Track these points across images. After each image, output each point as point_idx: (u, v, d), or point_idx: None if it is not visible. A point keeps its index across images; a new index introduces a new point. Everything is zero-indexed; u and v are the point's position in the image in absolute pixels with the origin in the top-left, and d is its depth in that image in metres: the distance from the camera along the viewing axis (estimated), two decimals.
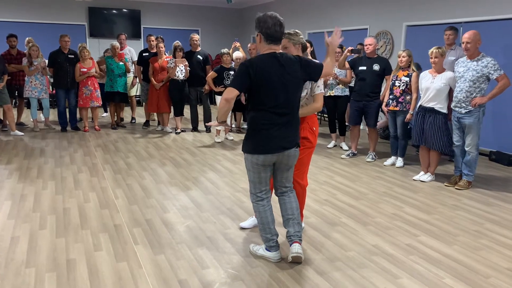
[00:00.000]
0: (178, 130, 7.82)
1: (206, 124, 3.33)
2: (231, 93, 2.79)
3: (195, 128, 8.10)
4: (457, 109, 4.80)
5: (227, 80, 7.03)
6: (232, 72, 7.09)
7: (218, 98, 7.15)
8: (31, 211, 3.96)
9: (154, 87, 7.68)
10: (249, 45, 7.51)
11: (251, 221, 3.69)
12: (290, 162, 3.02)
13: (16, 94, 8.04)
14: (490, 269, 3.05)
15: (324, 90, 6.77)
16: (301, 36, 3.32)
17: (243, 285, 2.77)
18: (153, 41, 8.05)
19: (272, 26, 2.86)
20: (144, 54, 8.04)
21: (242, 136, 7.65)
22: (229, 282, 2.81)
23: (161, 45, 7.67)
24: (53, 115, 9.13)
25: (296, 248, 3.01)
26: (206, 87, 7.54)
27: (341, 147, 6.82)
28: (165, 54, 7.80)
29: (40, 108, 8.45)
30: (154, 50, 7.99)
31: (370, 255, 3.23)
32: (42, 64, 7.53)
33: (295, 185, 3.32)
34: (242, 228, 3.68)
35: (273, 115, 2.86)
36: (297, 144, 3.00)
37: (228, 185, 4.84)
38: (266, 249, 3.11)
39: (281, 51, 2.98)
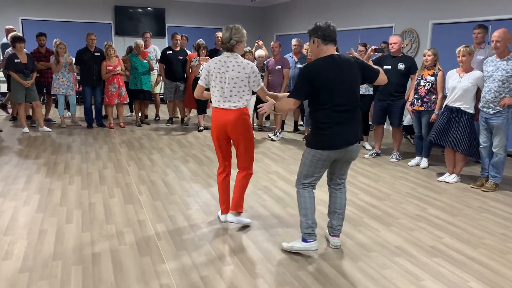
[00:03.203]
0: (201, 128, 7.88)
1: (259, 107, 3.40)
2: (294, 104, 3.01)
3: None
4: (485, 109, 4.69)
5: None
6: None
7: None
8: (58, 205, 4.07)
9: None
10: (272, 43, 7.50)
11: (241, 219, 3.69)
12: (352, 157, 3.13)
13: (45, 91, 8.26)
14: None
15: None
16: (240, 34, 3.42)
17: (263, 282, 2.79)
18: (178, 39, 8.12)
19: (326, 28, 2.98)
20: (167, 52, 8.12)
21: (263, 135, 7.66)
22: (250, 279, 2.82)
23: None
24: (79, 111, 9.33)
25: (336, 242, 3.29)
26: None
27: (364, 147, 6.75)
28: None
29: (67, 106, 8.65)
30: (178, 48, 8.07)
31: (392, 256, 3.19)
32: (69, 60, 7.70)
33: (245, 172, 3.59)
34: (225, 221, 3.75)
35: (334, 113, 2.96)
36: (360, 139, 3.10)
37: (250, 183, 4.85)
38: (303, 240, 3.13)
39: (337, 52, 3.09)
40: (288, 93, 3.21)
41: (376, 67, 3.23)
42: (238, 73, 3.38)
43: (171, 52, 8.08)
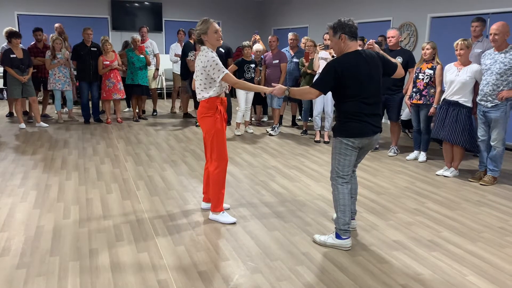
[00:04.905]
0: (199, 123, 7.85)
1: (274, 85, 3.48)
2: (316, 95, 3.13)
3: None
4: (483, 102, 4.68)
5: (248, 73, 7.00)
6: (253, 65, 7.05)
7: (238, 91, 7.13)
8: (55, 201, 4.05)
9: None
10: (269, 37, 7.46)
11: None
12: (373, 145, 3.28)
13: (42, 87, 8.20)
14: None
15: None
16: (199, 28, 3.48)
17: (262, 277, 2.78)
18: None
19: (352, 24, 3.10)
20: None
21: (262, 129, 7.64)
22: (248, 274, 2.82)
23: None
24: (76, 106, 9.28)
25: (355, 224, 3.56)
26: None
27: None
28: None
29: (64, 101, 8.60)
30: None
31: (391, 250, 3.19)
32: (66, 55, 7.66)
33: (211, 165, 3.61)
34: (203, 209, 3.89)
35: (363, 104, 3.09)
36: (381, 129, 3.26)
37: (248, 178, 4.85)
38: (337, 236, 3.18)
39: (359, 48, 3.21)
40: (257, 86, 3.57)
41: (394, 60, 3.33)
42: (197, 65, 3.47)
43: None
